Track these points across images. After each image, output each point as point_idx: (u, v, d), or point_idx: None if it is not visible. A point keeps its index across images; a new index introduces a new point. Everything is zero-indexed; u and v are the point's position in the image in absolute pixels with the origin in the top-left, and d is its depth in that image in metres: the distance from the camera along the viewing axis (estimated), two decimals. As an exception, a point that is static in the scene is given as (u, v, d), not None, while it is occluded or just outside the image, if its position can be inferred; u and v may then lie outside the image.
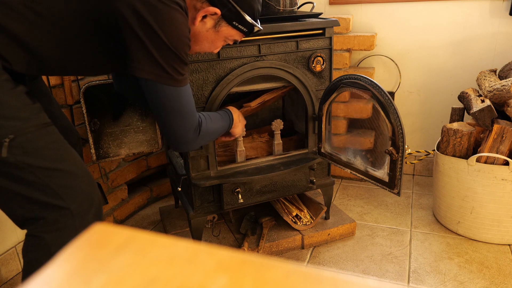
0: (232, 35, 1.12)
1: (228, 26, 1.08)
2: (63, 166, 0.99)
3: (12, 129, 0.90)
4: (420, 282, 1.46)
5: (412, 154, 2.21)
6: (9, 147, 0.89)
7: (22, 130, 0.91)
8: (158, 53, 0.94)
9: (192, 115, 1.10)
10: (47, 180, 0.95)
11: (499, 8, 1.93)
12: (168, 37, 0.93)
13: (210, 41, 1.12)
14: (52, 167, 0.96)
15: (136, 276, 0.31)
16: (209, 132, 1.21)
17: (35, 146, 0.94)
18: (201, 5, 1.04)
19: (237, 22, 1.08)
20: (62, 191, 0.97)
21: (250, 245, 1.61)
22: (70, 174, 0.99)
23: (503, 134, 1.53)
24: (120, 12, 0.91)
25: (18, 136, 0.91)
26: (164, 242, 0.35)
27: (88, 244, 0.35)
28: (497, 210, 1.59)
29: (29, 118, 0.93)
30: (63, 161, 0.99)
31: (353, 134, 2.13)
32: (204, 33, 1.09)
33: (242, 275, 0.31)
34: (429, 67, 2.13)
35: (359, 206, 2.00)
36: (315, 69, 1.51)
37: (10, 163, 0.91)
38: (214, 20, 1.07)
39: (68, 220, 0.98)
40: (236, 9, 1.05)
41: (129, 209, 1.98)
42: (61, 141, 1.01)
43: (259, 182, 1.54)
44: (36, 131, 0.94)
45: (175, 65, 0.98)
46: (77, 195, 0.99)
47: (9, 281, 1.51)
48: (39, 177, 0.94)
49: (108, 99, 1.59)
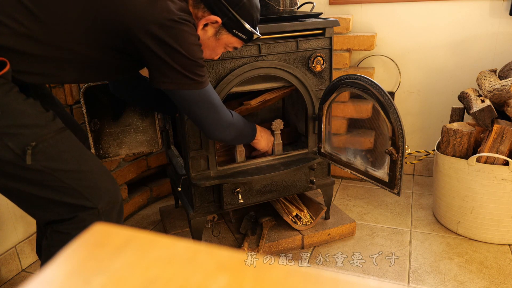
0: (232, 42, 1.17)
1: (228, 34, 1.13)
2: (86, 168, 1.02)
3: (34, 136, 0.93)
4: (420, 282, 1.46)
5: (412, 154, 2.21)
6: (32, 154, 0.92)
7: (42, 137, 0.94)
8: (180, 66, 1.02)
9: (223, 107, 1.22)
10: (73, 183, 0.99)
11: (499, 8, 1.92)
12: (185, 49, 1.01)
13: (211, 48, 1.17)
14: (76, 169, 1.00)
15: (136, 276, 0.31)
16: (240, 126, 1.32)
17: (57, 151, 0.97)
18: (202, 13, 1.09)
19: (237, 30, 1.13)
20: (88, 192, 1.01)
21: (250, 245, 1.61)
22: (94, 175, 1.03)
23: (503, 134, 1.53)
24: (139, 39, 0.97)
25: (40, 142, 0.94)
26: (164, 242, 0.35)
27: (88, 244, 0.35)
28: (497, 210, 1.59)
29: (47, 125, 0.96)
30: (85, 162, 1.03)
31: (353, 134, 2.13)
32: (206, 40, 1.14)
33: (242, 275, 0.31)
34: (429, 67, 2.13)
35: (359, 206, 2.00)
36: (315, 69, 1.51)
37: (35, 169, 0.94)
38: (215, 28, 1.12)
39: (95, 218, 1.01)
40: (236, 18, 1.10)
41: (129, 209, 1.98)
42: (79, 143, 1.04)
43: (259, 182, 1.54)
44: (55, 136, 0.97)
45: (196, 70, 1.06)
46: (103, 195, 1.03)
47: (9, 281, 1.51)
48: (64, 180, 0.98)
49: (108, 99, 1.59)
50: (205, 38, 1.13)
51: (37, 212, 1.04)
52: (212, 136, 1.27)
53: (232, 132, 1.29)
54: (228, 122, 1.25)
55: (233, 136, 1.33)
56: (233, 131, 1.29)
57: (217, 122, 1.21)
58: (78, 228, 1.00)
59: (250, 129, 1.42)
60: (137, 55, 1.02)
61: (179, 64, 1.02)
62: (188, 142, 1.43)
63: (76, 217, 1.00)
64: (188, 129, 1.41)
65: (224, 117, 1.23)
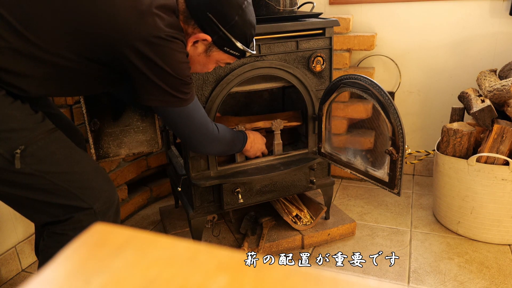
0: (223, 59, 1.15)
1: (219, 51, 1.11)
2: (79, 168, 1.01)
3: (22, 140, 0.91)
4: (420, 282, 1.46)
5: (412, 154, 2.21)
6: (21, 157, 0.91)
7: (31, 140, 0.93)
8: (165, 84, 1.01)
9: (206, 124, 1.20)
10: (65, 184, 0.97)
11: (499, 8, 1.92)
12: (171, 67, 0.99)
13: (201, 64, 1.15)
14: (68, 170, 0.98)
15: (136, 276, 0.31)
16: (226, 140, 1.32)
17: (47, 153, 0.95)
18: (192, 30, 1.07)
19: (229, 48, 1.10)
20: (82, 193, 0.99)
21: (250, 245, 1.61)
22: (87, 175, 1.02)
23: (503, 134, 1.53)
24: (124, 55, 0.95)
25: (29, 146, 0.92)
26: (164, 242, 0.35)
27: (88, 244, 0.35)
28: (497, 210, 1.59)
29: (36, 127, 0.94)
30: (78, 163, 1.01)
31: (353, 134, 2.13)
32: (196, 57, 1.12)
33: (242, 275, 0.31)
34: (429, 67, 2.13)
35: (359, 206, 2.00)
36: (315, 69, 1.51)
37: (26, 173, 0.93)
38: (205, 45, 1.10)
39: (91, 219, 1.00)
40: (227, 36, 1.07)
41: (129, 209, 1.98)
42: (70, 144, 1.03)
43: (259, 182, 1.54)
44: (45, 138, 0.96)
45: (181, 88, 1.05)
46: (98, 195, 1.02)
47: (9, 281, 1.51)
48: (57, 182, 0.96)
49: (108, 99, 1.59)
50: (195, 54, 1.11)
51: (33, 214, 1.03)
52: (199, 151, 1.29)
53: (219, 146, 1.31)
54: (214, 137, 1.25)
55: (220, 150, 1.35)
56: (220, 144, 1.31)
57: (203, 138, 1.22)
58: (75, 229, 0.99)
59: (238, 140, 1.42)
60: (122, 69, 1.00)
61: (164, 81, 1.00)
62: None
63: (72, 218, 0.99)
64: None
65: (210, 132, 1.23)
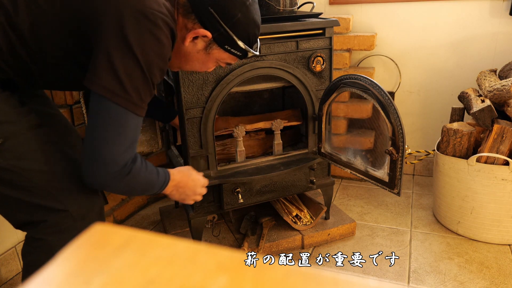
0: (224, 58, 1.06)
1: (219, 49, 1.03)
2: (59, 168, 0.96)
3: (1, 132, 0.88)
4: (420, 282, 1.46)
5: (412, 154, 2.21)
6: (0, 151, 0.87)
7: (12, 133, 0.89)
8: (125, 70, 0.84)
9: (130, 147, 0.92)
10: (43, 184, 0.93)
11: (499, 8, 1.92)
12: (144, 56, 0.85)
13: (201, 62, 1.07)
14: (46, 169, 0.94)
15: (136, 276, 0.31)
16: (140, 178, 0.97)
17: (28, 149, 0.91)
18: (192, 25, 0.98)
19: (230, 46, 1.02)
20: (60, 194, 0.95)
21: (250, 245, 1.61)
22: (67, 176, 0.97)
23: (503, 134, 1.53)
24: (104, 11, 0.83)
25: (8, 139, 0.88)
26: (164, 242, 0.35)
27: (88, 244, 0.35)
28: (497, 210, 1.59)
29: (19, 121, 0.91)
30: (58, 162, 0.97)
31: (353, 134, 2.13)
32: (195, 54, 1.04)
33: (242, 275, 0.31)
34: (429, 67, 2.13)
35: (359, 206, 2.00)
36: (315, 69, 1.51)
37: (2, 168, 0.89)
38: (205, 42, 1.01)
39: (69, 222, 0.96)
40: (229, 34, 0.98)
41: (129, 209, 1.98)
42: (55, 143, 0.98)
43: (259, 182, 1.54)
44: (27, 133, 0.92)
45: (140, 88, 0.87)
46: (76, 197, 0.97)
47: (9, 281, 1.51)
48: (34, 180, 0.92)
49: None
50: (194, 51, 1.03)
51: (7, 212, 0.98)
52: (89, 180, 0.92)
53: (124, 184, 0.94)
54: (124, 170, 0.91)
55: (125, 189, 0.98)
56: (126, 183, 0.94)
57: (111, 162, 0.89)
58: (54, 233, 0.95)
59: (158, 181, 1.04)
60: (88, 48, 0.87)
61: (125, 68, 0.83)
62: (188, 142, 1.43)
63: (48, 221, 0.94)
64: (188, 129, 1.41)
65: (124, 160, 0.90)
